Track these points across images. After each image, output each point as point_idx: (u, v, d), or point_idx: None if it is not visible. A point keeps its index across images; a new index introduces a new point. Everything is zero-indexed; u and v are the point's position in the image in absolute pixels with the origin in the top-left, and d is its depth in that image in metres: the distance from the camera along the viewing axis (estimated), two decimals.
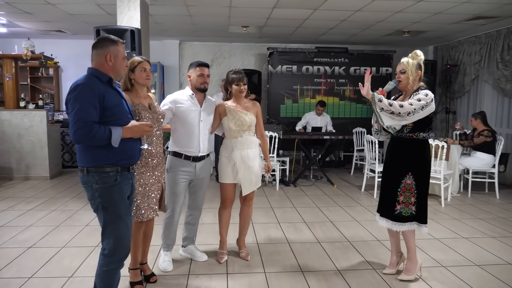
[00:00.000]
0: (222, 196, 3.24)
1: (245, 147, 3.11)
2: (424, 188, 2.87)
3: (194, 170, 3.03)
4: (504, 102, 6.90)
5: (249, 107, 3.19)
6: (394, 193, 2.87)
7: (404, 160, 2.85)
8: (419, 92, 2.75)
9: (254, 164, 3.14)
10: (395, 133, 2.86)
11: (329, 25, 6.48)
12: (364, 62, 8.17)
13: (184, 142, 2.98)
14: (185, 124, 2.97)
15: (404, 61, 2.81)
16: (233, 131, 3.10)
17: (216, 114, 3.15)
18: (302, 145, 6.37)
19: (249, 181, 3.13)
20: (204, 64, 3.03)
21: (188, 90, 3.05)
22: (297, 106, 8.18)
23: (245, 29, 6.76)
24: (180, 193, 3.01)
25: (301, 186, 6.28)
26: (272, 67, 8.01)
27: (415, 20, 6.06)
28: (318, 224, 4.29)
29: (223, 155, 3.17)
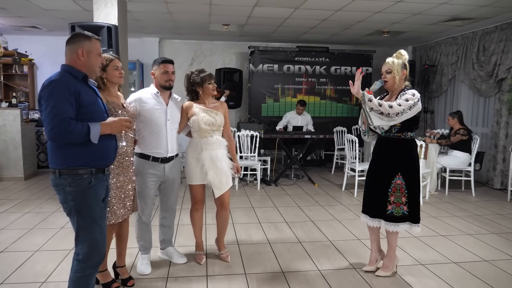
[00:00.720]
0: (192, 198, 3.19)
1: (214, 147, 3.05)
2: (415, 187, 2.88)
3: (163, 172, 2.94)
4: (480, 102, 7.07)
5: (217, 107, 3.15)
6: (385, 193, 2.87)
7: (393, 160, 2.86)
8: (406, 92, 2.77)
9: (223, 165, 3.08)
10: (383, 133, 2.86)
11: (310, 24, 6.49)
12: (344, 61, 8.23)
13: (151, 143, 2.88)
14: (151, 124, 2.87)
15: (390, 61, 2.82)
16: (203, 131, 3.04)
17: (184, 114, 3.07)
18: (283, 144, 6.37)
19: (219, 182, 3.06)
20: (168, 60, 2.94)
21: (153, 88, 2.95)
22: (278, 105, 8.17)
23: (226, 27, 6.70)
24: (149, 196, 2.92)
25: (282, 185, 6.28)
26: (254, 66, 7.98)
27: (395, 20, 6.13)
28: (299, 224, 4.29)
29: (191, 156, 3.09)
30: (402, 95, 2.76)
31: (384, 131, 2.84)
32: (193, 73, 3.11)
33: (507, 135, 6.19)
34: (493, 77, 6.41)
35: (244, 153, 6.06)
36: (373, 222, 2.97)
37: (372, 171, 2.99)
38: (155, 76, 2.94)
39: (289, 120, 7.19)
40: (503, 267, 3.22)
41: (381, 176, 2.90)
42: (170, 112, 2.95)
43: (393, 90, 2.89)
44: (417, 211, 2.91)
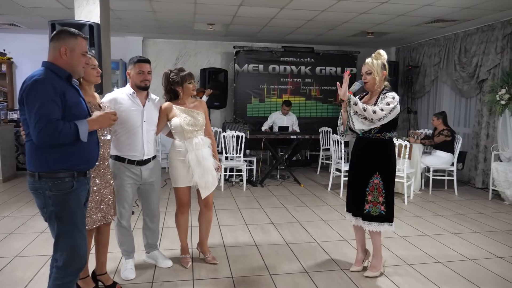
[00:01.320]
0: (178, 201, 3.12)
1: (199, 147, 3.00)
2: (391, 187, 2.90)
3: (140, 175, 2.86)
4: (462, 102, 7.19)
5: (197, 106, 3.09)
6: (363, 192, 2.90)
7: (371, 160, 2.88)
8: (387, 95, 2.77)
9: (209, 164, 3.04)
10: (362, 134, 2.88)
11: (296, 24, 6.48)
12: (329, 62, 8.26)
13: (127, 145, 2.80)
14: (127, 125, 2.78)
15: (369, 62, 2.83)
16: (186, 132, 2.97)
17: (162, 115, 3.00)
18: (269, 145, 6.34)
19: (205, 182, 3.01)
20: (144, 59, 2.85)
21: (129, 88, 2.86)
22: (263, 106, 8.14)
23: (211, 26, 6.63)
24: (127, 199, 2.84)
25: (268, 186, 6.25)
26: (239, 66, 7.93)
27: (379, 21, 6.17)
28: (286, 225, 4.26)
29: (175, 158, 3.02)
30: (383, 98, 2.77)
31: (363, 132, 2.85)
32: (172, 72, 3.03)
33: (488, 135, 6.30)
34: (475, 78, 6.52)
35: (230, 153, 6.01)
36: (355, 220, 3.00)
37: (351, 170, 3.02)
38: (130, 76, 2.85)
39: (275, 121, 7.17)
40: (487, 266, 3.26)
41: (359, 176, 2.93)
42: (147, 113, 2.87)
43: (373, 91, 2.91)
44: (392, 211, 2.94)
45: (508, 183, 5.25)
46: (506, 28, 5.91)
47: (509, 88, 5.57)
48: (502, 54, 6.01)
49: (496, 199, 5.61)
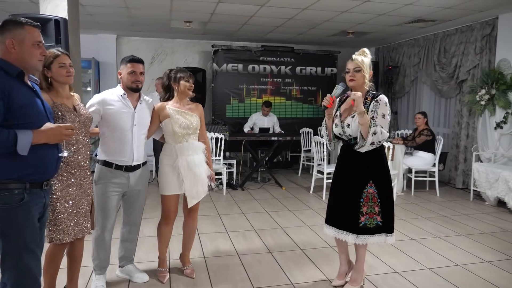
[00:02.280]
0: (165, 210, 2.88)
1: (191, 153, 2.79)
2: (388, 195, 2.66)
3: (127, 182, 2.65)
4: (441, 102, 7.21)
5: (193, 109, 2.89)
6: (356, 204, 2.61)
7: (364, 168, 2.62)
8: (379, 103, 2.53)
9: (201, 171, 2.83)
10: (352, 141, 2.62)
11: (276, 23, 6.31)
12: (309, 62, 8.14)
13: (115, 149, 2.59)
14: (116, 128, 2.57)
15: (359, 58, 2.58)
16: (177, 135, 2.77)
17: (155, 116, 2.79)
18: (250, 146, 6.15)
19: (196, 191, 2.81)
20: (137, 59, 2.64)
21: (119, 89, 2.65)
22: (243, 106, 7.94)
23: (188, 24, 6.38)
24: (111, 208, 2.61)
25: (249, 189, 6.05)
26: (217, 66, 7.70)
27: (360, 21, 6.08)
28: (269, 231, 4.08)
29: (165, 164, 2.82)
30: (376, 107, 2.50)
31: (353, 138, 2.59)
32: (173, 70, 2.87)
33: (468, 135, 6.31)
34: (454, 79, 6.53)
35: None
36: (342, 235, 2.68)
37: (340, 180, 2.72)
38: (121, 76, 2.63)
39: (255, 122, 6.98)
40: (476, 272, 3.17)
41: (350, 186, 2.64)
42: (138, 116, 2.66)
43: (361, 91, 2.60)
44: (392, 220, 2.68)
45: (489, 184, 5.25)
46: (485, 29, 5.92)
47: (488, 88, 5.58)
48: (481, 55, 6.03)
49: (477, 199, 5.60)
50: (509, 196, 4.96)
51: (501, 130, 5.57)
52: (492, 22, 5.81)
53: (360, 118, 2.46)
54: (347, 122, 2.60)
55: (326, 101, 2.60)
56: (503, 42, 5.68)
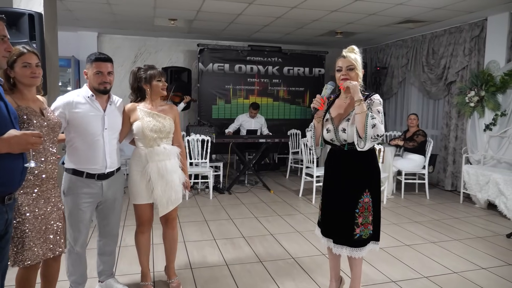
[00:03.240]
0: (138, 219, 2.68)
1: (162, 158, 2.58)
2: (379, 202, 2.47)
3: (100, 191, 2.42)
4: (430, 104, 7.17)
5: (166, 110, 2.68)
6: (351, 215, 2.38)
7: (359, 176, 2.40)
8: (373, 100, 2.34)
9: (174, 178, 2.62)
10: (346, 147, 2.38)
11: (264, 21, 6.14)
12: (297, 62, 8.00)
13: (85, 156, 2.35)
14: (85, 133, 2.34)
15: (351, 56, 2.36)
16: (148, 139, 2.56)
17: (125, 117, 2.58)
18: (237, 149, 5.97)
19: (167, 199, 2.60)
20: (103, 58, 2.38)
21: (86, 90, 2.41)
22: (229, 107, 7.75)
23: (173, 22, 6.15)
24: (83, 221, 2.38)
25: (236, 193, 5.87)
26: (203, 65, 7.49)
27: (349, 20, 5.96)
28: (258, 239, 3.90)
29: (134, 170, 2.61)
30: (370, 104, 2.31)
31: (347, 143, 2.36)
32: (141, 69, 2.64)
33: (456, 137, 6.28)
34: (443, 80, 6.49)
35: (195, 159, 5.58)
36: (336, 248, 2.45)
37: (332, 189, 2.47)
38: (87, 76, 2.40)
39: (242, 123, 6.79)
40: (474, 279, 3.07)
41: (344, 196, 2.39)
42: (109, 119, 2.43)
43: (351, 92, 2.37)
44: (379, 227, 2.51)
45: (480, 186, 5.20)
46: (473, 30, 5.89)
47: (478, 90, 5.54)
48: (470, 56, 5.99)
49: (467, 202, 5.55)
50: (499, 199, 4.91)
51: (490, 132, 5.54)
52: (481, 24, 5.78)
53: (357, 107, 2.25)
54: (342, 126, 2.37)
55: (317, 103, 2.36)
56: (492, 44, 5.65)
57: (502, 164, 5.36)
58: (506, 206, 4.80)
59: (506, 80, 5.24)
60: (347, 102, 2.44)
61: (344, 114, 2.42)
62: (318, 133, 2.51)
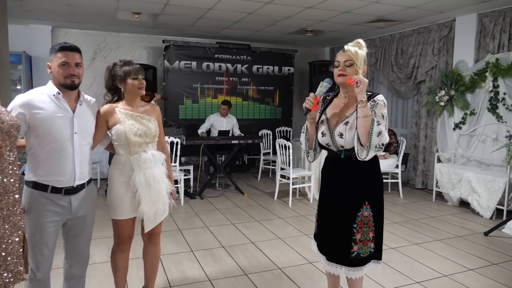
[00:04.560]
0: (118, 236, 2.36)
1: (149, 165, 2.29)
2: (381, 216, 2.19)
3: (68, 208, 2.05)
4: (399, 103, 7.23)
5: (149, 111, 2.39)
6: (348, 230, 2.09)
7: (358, 187, 2.11)
8: (377, 101, 2.05)
9: (161, 187, 2.34)
10: (343, 154, 2.11)
11: (235, 17, 5.88)
12: (266, 60, 7.81)
13: (50, 167, 1.98)
14: (50, 139, 1.97)
15: (352, 49, 2.06)
16: (133, 144, 2.26)
17: (101, 121, 2.25)
18: (208, 151, 5.68)
19: (154, 212, 2.31)
20: (70, 47, 2.03)
21: (51, 86, 2.04)
22: (197, 107, 7.41)
23: (137, 16, 5.73)
24: (47, 243, 2.01)
25: (209, 197, 5.57)
26: (169, 63, 7.10)
27: (322, 18, 5.84)
28: (239, 248, 3.65)
29: (117, 180, 2.29)
30: (374, 106, 2.03)
31: (344, 150, 2.10)
32: (116, 65, 2.32)
33: (426, 136, 6.35)
34: (412, 80, 6.54)
35: None
36: (332, 267, 2.16)
37: (328, 200, 2.21)
38: (51, 69, 2.03)
39: (213, 124, 6.49)
40: (465, 282, 3.01)
41: (342, 209, 2.12)
42: (79, 121, 2.07)
43: (350, 90, 2.11)
44: (381, 245, 2.22)
45: (452, 185, 5.25)
46: (442, 30, 5.97)
47: (448, 90, 5.60)
48: (439, 56, 6.07)
49: (439, 200, 5.61)
50: (472, 196, 4.98)
51: (460, 130, 5.62)
52: (449, 24, 5.87)
53: (360, 109, 1.97)
54: (338, 130, 2.09)
55: (310, 103, 2.07)
56: (460, 44, 5.74)
57: (472, 162, 5.46)
58: (479, 204, 4.88)
59: (475, 80, 5.33)
60: (346, 102, 2.17)
61: (341, 116, 2.14)
62: (311, 136, 2.24)
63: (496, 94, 5.12)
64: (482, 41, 5.48)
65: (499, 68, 5.00)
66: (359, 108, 1.98)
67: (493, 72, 5.07)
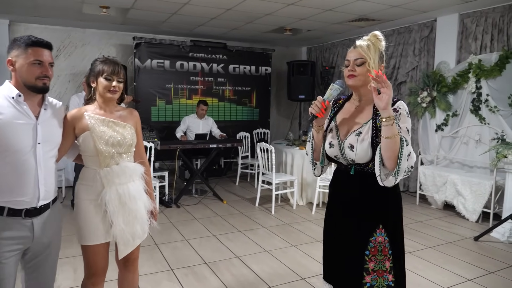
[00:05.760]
0: (89, 267, 1.98)
1: (124, 180, 1.95)
2: (401, 243, 1.86)
3: (30, 234, 1.69)
4: None
5: (125, 117, 2.05)
6: (360, 258, 1.77)
7: (370, 208, 1.78)
8: (399, 112, 1.70)
9: (138, 206, 1.99)
10: (353, 169, 1.80)
11: (212, 14, 5.54)
12: (243, 60, 7.51)
13: (7, 184, 1.62)
14: (7, 150, 1.61)
15: (363, 44, 1.74)
16: (103, 156, 1.91)
17: (68, 128, 1.90)
18: (184, 155, 5.32)
19: (131, 234, 1.96)
20: (44, 43, 1.71)
21: (10, 87, 1.68)
22: (171, 108, 7.01)
23: (105, 10, 5.29)
24: (6, 278, 1.64)
25: (185, 205, 5.21)
26: (140, 61, 6.66)
27: (304, 16, 5.61)
28: (224, 264, 3.33)
29: (84, 199, 1.94)
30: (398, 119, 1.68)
31: (355, 164, 1.79)
32: (98, 60, 1.99)
33: None
34: (392, 81, 6.44)
35: None
36: None
37: (336, 222, 1.91)
38: (16, 67, 1.66)
39: (189, 126, 6.11)
40: None
41: (352, 232, 1.82)
42: (44, 129, 1.72)
43: (363, 94, 1.80)
44: (404, 279, 1.88)
45: (437, 187, 5.15)
46: (423, 30, 5.89)
47: (430, 91, 5.52)
48: (420, 57, 5.99)
49: (423, 203, 5.51)
50: (457, 199, 4.89)
51: (442, 132, 5.55)
52: (430, 24, 5.79)
53: (386, 128, 1.59)
54: (349, 141, 1.77)
55: (316, 109, 1.75)
56: (441, 45, 5.67)
57: (455, 164, 5.39)
58: (465, 207, 4.80)
59: (457, 81, 5.26)
60: (357, 106, 1.83)
61: (353, 124, 1.82)
62: (318, 147, 1.92)
63: (479, 96, 5.06)
64: (464, 42, 5.42)
65: (482, 69, 4.94)
66: (385, 126, 1.60)
67: (476, 73, 5.01)
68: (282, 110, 8.76)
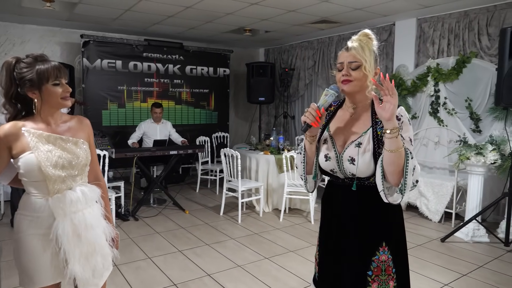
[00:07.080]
0: None
1: (80, 207, 1.62)
2: (405, 260, 1.72)
3: None
4: None
5: (75, 128, 1.71)
6: (362, 278, 1.63)
7: (373, 225, 1.63)
8: (402, 120, 1.54)
9: (98, 234, 1.67)
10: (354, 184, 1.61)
11: (170, 11, 5.18)
12: (200, 61, 7.20)
13: None
14: None
15: (357, 46, 1.58)
16: (52, 181, 1.57)
17: (1, 147, 1.56)
18: (141, 162, 4.92)
19: (92, 270, 1.64)
20: None
21: None
22: (124, 112, 6.53)
23: (49, 4, 4.75)
24: None
25: (144, 218, 4.82)
26: (89, 61, 6.13)
27: (266, 17, 5.44)
28: (195, 284, 3.05)
29: (29, 233, 1.58)
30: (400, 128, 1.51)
31: (357, 179, 1.61)
32: (22, 62, 1.62)
33: None
34: None
35: None
36: None
37: (334, 240, 1.72)
38: None
39: (145, 132, 5.69)
40: None
41: (352, 251, 1.66)
42: None
43: (359, 101, 1.66)
44: None
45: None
46: (382, 34, 5.96)
47: None
48: (379, 60, 6.04)
49: None
50: (420, 200, 4.97)
51: None
52: (389, 28, 5.87)
53: (390, 141, 1.44)
54: (348, 154, 1.60)
55: (311, 117, 1.57)
56: (400, 48, 5.76)
57: None
58: (428, 208, 4.88)
59: (417, 84, 5.37)
60: (352, 114, 1.68)
61: (349, 133, 1.64)
62: (311, 159, 1.72)
63: (437, 98, 5.19)
64: (422, 46, 5.54)
65: (440, 73, 5.07)
66: (389, 139, 1.45)
67: (434, 77, 5.13)
68: (240, 112, 8.54)
